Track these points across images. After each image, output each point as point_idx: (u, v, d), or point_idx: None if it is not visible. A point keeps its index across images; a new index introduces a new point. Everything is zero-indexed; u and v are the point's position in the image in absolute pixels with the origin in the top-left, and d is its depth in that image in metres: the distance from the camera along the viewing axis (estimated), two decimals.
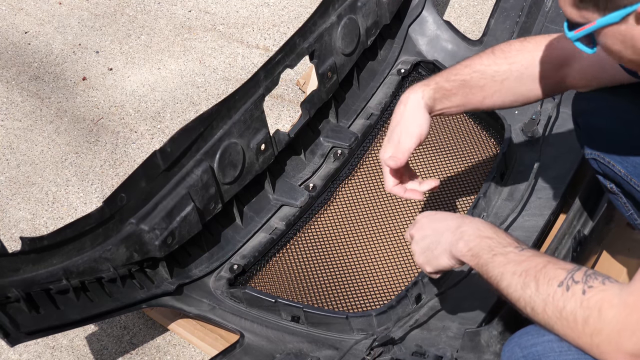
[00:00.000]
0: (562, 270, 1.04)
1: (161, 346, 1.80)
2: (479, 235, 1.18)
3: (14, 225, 2.09)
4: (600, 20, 0.96)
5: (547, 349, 1.08)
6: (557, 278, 1.03)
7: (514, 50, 1.38)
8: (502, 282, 1.10)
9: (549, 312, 1.03)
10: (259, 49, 2.52)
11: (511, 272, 1.09)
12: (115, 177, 2.19)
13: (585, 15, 0.97)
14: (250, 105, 1.71)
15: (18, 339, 1.41)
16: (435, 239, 1.26)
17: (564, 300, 1.02)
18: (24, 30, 2.67)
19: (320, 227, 1.83)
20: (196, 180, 1.63)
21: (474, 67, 1.40)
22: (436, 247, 1.25)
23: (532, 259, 1.09)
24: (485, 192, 1.73)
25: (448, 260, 1.23)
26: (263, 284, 1.74)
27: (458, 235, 1.21)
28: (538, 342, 1.09)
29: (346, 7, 1.90)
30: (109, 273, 1.55)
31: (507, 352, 1.12)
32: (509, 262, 1.11)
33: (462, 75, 1.40)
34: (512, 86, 1.39)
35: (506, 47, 1.40)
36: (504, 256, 1.12)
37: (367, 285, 1.70)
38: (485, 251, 1.15)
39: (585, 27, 0.98)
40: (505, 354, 1.12)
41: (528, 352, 1.09)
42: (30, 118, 2.38)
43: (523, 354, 1.10)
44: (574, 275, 1.03)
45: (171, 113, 2.35)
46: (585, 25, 0.98)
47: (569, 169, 1.75)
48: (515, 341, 1.12)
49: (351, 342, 1.53)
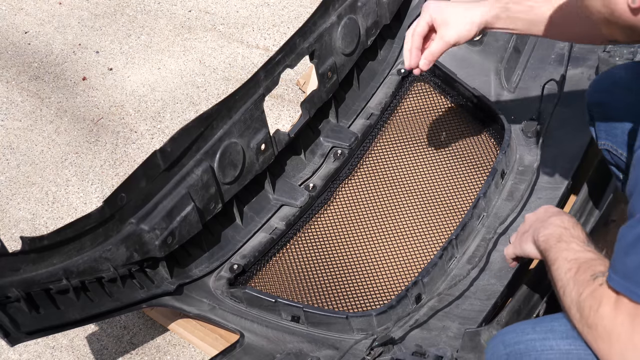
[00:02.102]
0: (603, 266, 1.06)
1: (161, 346, 1.80)
2: (559, 225, 1.20)
3: (14, 225, 2.09)
4: None
5: (529, 347, 1.09)
6: (595, 270, 1.05)
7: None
8: (554, 264, 1.13)
9: (573, 295, 1.05)
10: (259, 49, 2.52)
11: (563, 258, 1.12)
12: (115, 177, 2.19)
13: None
14: (250, 105, 1.71)
15: (18, 339, 1.41)
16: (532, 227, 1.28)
17: (585, 287, 1.04)
18: (24, 30, 2.67)
19: (320, 227, 1.83)
20: (196, 180, 1.63)
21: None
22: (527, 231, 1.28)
23: (588, 253, 1.11)
24: (485, 192, 1.73)
25: (532, 245, 1.25)
26: (263, 283, 1.74)
27: (543, 224, 1.24)
28: (521, 341, 1.11)
29: (346, 7, 1.90)
30: (109, 273, 1.55)
31: (491, 348, 1.14)
32: (567, 250, 1.13)
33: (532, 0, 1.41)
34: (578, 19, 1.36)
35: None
36: (566, 244, 1.15)
37: (367, 285, 1.70)
38: (555, 238, 1.18)
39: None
40: (489, 350, 1.15)
41: (511, 350, 1.11)
42: (30, 118, 2.38)
43: (506, 352, 1.12)
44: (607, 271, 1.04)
45: (171, 113, 2.35)
46: None
47: (569, 169, 1.75)
48: (500, 338, 1.14)
49: (351, 342, 1.53)
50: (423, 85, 2.09)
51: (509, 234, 1.70)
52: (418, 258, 1.73)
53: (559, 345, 1.07)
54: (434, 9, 1.48)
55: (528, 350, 1.09)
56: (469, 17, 1.45)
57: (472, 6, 1.46)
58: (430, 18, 1.48)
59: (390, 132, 2.00)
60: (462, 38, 1.46)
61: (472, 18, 1.45)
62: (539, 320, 1.14)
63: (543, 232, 1.21)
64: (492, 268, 1.65)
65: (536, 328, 1.11)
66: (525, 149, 1.85)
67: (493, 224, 1.71)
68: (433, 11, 1.48)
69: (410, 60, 1.51)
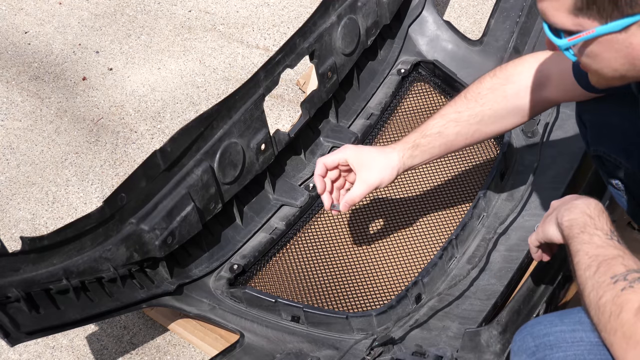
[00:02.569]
0: (623, 267, 1.04)
1: (161, 346, 1.80)
2: (583, 211, 1.17)
3: (14, 225, 2.09)
4: (600, 29, 0.95)
5: (559, 339, 1.08)
6: (614, 271, 1.04)
7: (485, 89, 1.44)
8: (575, 257, 1.11)
9: (591, 297, 1.04)
10: (259, 49, 2.52)
11: (584, 252, 1.10)
12: (115, 177, 2.19)
13: (582, 23, 0.96)
14: (250, 105, 1.71)
15: (18, 339, 1.41)
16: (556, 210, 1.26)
17: (604, 291, 1.02)
18: (24, 30, 2.67)
19: (320, 227, 1.83)
20: (196, 180, 1.63)
21: (448, 116, 1.47)
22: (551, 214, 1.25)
23: (610, 248, 1.09)
24: (485, 192, 1.73)
25: (555, 228, 1.21)
26: (263, 283, 1.74)
27: (568, 207, 1.21)
28: (551, 332, 1.09)
29: (346, 7, 1.90)
30: (109, 273, 1.55)
31: (519, 340, 1.12)
32: (589, 242, 1.11)
33: (437, 127, 1.47)
34: (489, 123, 1.46)
35: (476, 88, 1.45)
36: (589, 236, 1.12)
37: (367, 285, 1.70)
38: (579, 226, 1.15)
39: (581, 34, 0.97)
40: (517, 343, 1.13)
41: (540, 342, 1.09)
42: (30, 118, 2.38)
43: (535, 343, 1.10)
44: (628, 275, 1.02)
45: (171, 113, 2.35)
46: (581, 34, 0.97)
47: (569, 169, 1.75)
48: (528, 330, 1.12)
49: (351, 342, 1.53)
50: (423, 85, 2.09)
51: (509, 234, 1.70)
52: (418, 258, 1.73)
53: (589, 337, 1.06)
54: (352, 151, 1.51)
55: (558, 342, 1.08)
56: (388, 161, 1.49)
57: (387, 150, 1.50)
58: (345, 160, 1.51)
59: (390, 132, 2.00)
60: (384, 181, 1.50)
61: (391, 162, 1.49)
62: (566, 312, 1.12)
63: (568, 216, 1.18)
64: (492, 268, 1.65)
65: (564, 320, 1.10)
66: (525, 149, 1.85)
67: (493, 224, 1.71)
68: (350, 155, 1.51)
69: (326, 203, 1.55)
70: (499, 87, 1.43)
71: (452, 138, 1.47)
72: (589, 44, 0.98)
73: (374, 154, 1.50)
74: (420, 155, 1.49)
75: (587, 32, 0.96)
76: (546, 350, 1.08)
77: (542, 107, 1.44)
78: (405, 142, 1.50)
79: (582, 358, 1.05)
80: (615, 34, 0.95)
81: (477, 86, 1.45)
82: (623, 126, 1.34)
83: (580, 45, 0.99)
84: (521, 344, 1.12)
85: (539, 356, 1.08)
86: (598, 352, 1.03)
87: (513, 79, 1.42)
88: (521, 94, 1.41)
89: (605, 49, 0.98)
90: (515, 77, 1.42)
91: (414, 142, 1.49)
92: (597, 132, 1.39)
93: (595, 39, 0.97)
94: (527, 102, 1.42)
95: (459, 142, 1.48)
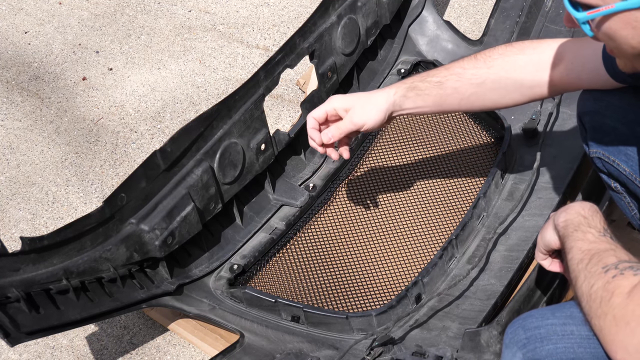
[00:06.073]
0: (615, 258, 1.06)
1: (161, 346, 1.80)
2: (578, 212, 1.19)
3: (14, 225, 2.09)
4: (619, 4, 0.95)
5: (550, 332, 1.09)
6: (606, 262, 1.05)
7: (496, 54, 1.44)
8: (569, 254, 1.13)
9: (583, 287, 1.05)
10: (259, 49, 2.52)
11: (578, 247, 1.12)
12: (115, 177, 2.19)
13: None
14: (250, 105, 1.71)
15: (18, 339, 1.41)
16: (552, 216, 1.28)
17: (596, 280, 1.04)
18: (24, 30, 2.67)
19: (320, 227, 1.83)
20: (196, 180, 1.63)
21: (452, 69, 1.46)
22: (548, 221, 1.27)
23: (602, 243, 1.11)
24: (485, 192, 1.73)
25: (552, 232, 1.23)
26: (263, 284, 1.74)
27: (564, 209, 1.23)
28: (542, 325, 1.10)
29: (346, 7, 1.90)
30: (109, 273, 1.55)
31: (510, 333, 1.14)
32: (583, 239, 1.13)
33: (439, 76, 1.46)
34: (489, 89, 1.44)
35: (490, 51, 1.45)
36: (583, 234, 1.14)
37: (367, 285, 1.70)
38: (573, 225, 1.17)
39: (601, 9, 0.97)
40: (508, 335, 1.14)
41: (531, 335, 1.10)
42: (30, 118, 2.38)
43: (526, 336, 1.11)
44: (620, 264, 1.04)
45: (171, 113, 2.35)
46: (601, 7, 0.97)
47: (569, 169, 1.75)
48: (519, 323, 1.13)
49: (351, 342, 1.53)
50: None
51: (509, 234, 1.70)
52: (418, 258, 1.73)
53: (579, 331, 1.07)
54: (337, 100, 1.52)
55: (549, 335, 1.09)
56: (373, 103, 1.49)
57: (376, 92, 1.51)
58: (332, 109, 1.52)
59: (390, 132, 2.00)
60: (369, 122, 1.50)
61: (376, 104, 1.49)
62: (558, 307, 1.13)
63: (563, 217, 1.20)
64: (492, 268, 1.65)
65: (556, 314, 1.11)
66: (525, 149, 1.85)
67: (493, 224, 1.71)
68: (336, 102, 1.52)
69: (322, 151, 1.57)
70: (510, 55, 1.42)
71: (449, 92, 1.45)
72: (607, 19, 0.98)
73: (360, 98, 1.51)
74: (413, 99, 1.48)
75: (607, 6, 0.96)
76: (537, 342, 1.09)
77: (545, 89, 1.42)
78: (404, 81, 1.50)
79: (572, 351, 1.06)
80: (634, 10, 0.95)
81: (490, 50, 1.45)
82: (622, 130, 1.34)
83: (598, 20, 0.99)
84: (512, 336, 1.13)
85: (530, 348, 1.09)
86: (588, 345, 1.04)
87: (527, 51, 1.41)
88: (529, 68, 1.40)
89: (623, 26, 0.98)
90: (530, 51, 1.41)
91: (412, 82, 1.48)
92: (597, 134, 1.39)
93: (614, 14, 0.97)
94: (532, 79, 1.41)
95: (453, 100, 1.47)
